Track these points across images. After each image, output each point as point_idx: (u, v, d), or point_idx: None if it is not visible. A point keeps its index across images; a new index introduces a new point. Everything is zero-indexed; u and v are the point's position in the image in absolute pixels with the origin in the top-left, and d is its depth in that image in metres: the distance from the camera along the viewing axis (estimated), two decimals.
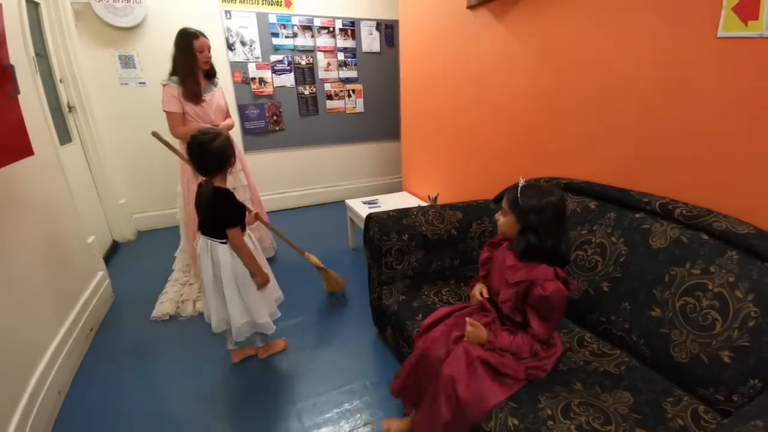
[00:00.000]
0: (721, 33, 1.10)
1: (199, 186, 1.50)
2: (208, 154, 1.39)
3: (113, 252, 2.93)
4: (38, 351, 1.51)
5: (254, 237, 1.64)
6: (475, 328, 1.12)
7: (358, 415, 1.46)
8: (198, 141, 1.38)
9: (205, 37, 2.15)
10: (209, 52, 2.17)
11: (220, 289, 1.52)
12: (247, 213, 1.58)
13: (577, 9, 1.51)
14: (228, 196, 1.46)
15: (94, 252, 2.20)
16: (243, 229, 1.53)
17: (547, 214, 1.04)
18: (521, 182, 1.10)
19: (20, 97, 1.35)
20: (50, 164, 1.90)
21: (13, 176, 1.50)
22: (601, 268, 1.30)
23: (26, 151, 1.37)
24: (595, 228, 1.37)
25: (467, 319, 1.15)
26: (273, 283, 1.70)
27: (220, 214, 1.46)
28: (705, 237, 1.11)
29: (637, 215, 1.28)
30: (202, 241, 1.52)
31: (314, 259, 2.20)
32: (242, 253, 1.49)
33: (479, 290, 1.27)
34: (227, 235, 1.46)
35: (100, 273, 2.21)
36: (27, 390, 1.36)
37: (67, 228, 1.95)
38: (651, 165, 1.35)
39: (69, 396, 1.59)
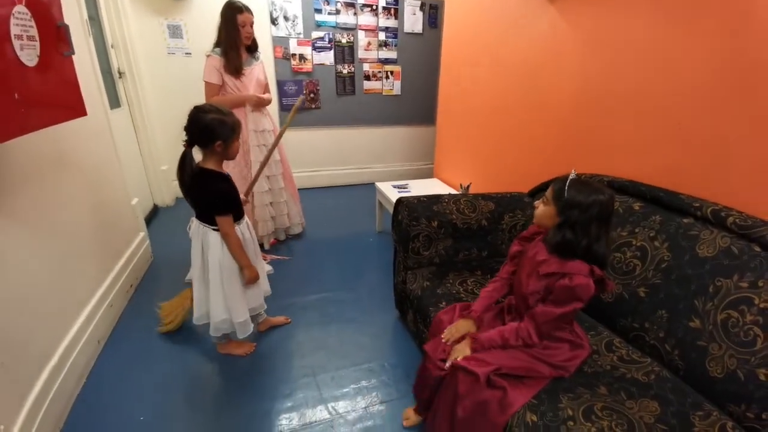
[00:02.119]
0: None
1: (182, 156, 1.36)
2: (197, 121, 1.32)
3: (153, 215, 3.08)
4: (82, 301, 1.62)
5: (250, 230, 1.56)
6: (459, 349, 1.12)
7: (375, 393, 1.50)
8: (200, 107, 1.34)
9: (250, 12, 2.16)
10: (251, 27, 2.18)
11: (207, 280, 1.47)
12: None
13: (639, 0, 1.41)
14: (212, 180, 1.38)
15: (137, 214, 2.31)
16: (237, 218, 1.46)
17: (591, 213, 0.99)
18: (572, 175, 1.05)
19: (74, 59, 1.41)
20: (100, 126, 1.99)
21: (65, 135, 1.59)
22: (640, 273, 1.25)
23: (80, 111, 1.44)
24: (636, 230, 1.31)
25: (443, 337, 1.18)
26: (264, 279, 1.64)
27: (199, 197, 1.40)
28: (757, 249, 1.04)
29: (686, 220, 1.21)
30: (195, 225, 1.46)
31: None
32: (230, 242, 1.42)
33: (458, 333, 1.19)
34: (216, 221, 1.39)
35: (141, 234, 2.33)
36: (68, 335, 1.46)
37: (114, 188, 2.06)
38: (704, 169, 1.27)
39: (107, 346, 1.70)
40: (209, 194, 1.39)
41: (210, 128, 1.32)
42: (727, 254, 1.08)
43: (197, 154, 1.41)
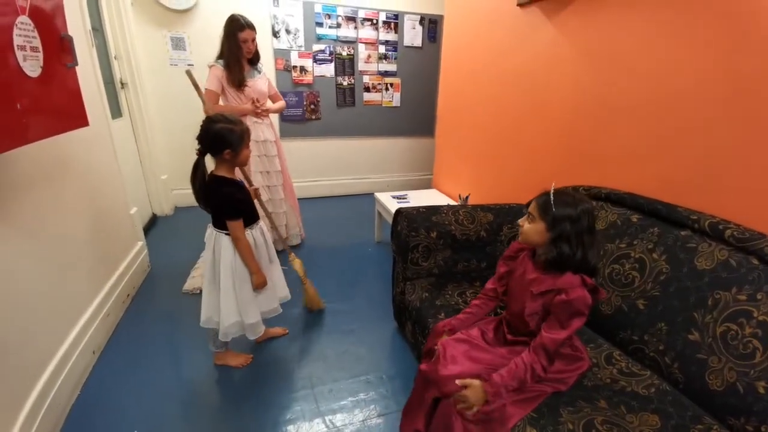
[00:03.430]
0: None
1: (195, 165, 1.40)
2: (207, 131, 1.36)
3: (152, 224, 3.08)
4: (78, 310, 1.60)
5: (264, 235, 1.58)
6: (469, 395, 1.01)
7: (373, 406, 1.48)
8: (210, 117, 1.38)
9: (253, 28, 2.19)
10: (252, 43, 2.22)
11: (217, 283, 1.49)
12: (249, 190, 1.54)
13: (636, 14, 1.43)
14: (221, 186, 1.41)
15: (135, 223, 2.31)
16: (249, 223, 1.49)
17: (582, 224, 0.99)
18: (553, 188, 1.05)
19: (77, 69, 1.42)
20: (102, 136, 2.00)
21: (66, 144, 1.59)
22: (639, 285, 1.25)
23: (82, 121, 1.45)
24: (635, 242, 1.31)
25: (458, 382, 1.04)
26: (282, 283, 1.66)
27: (211, 202, 1.43)
28: (755, 262, 1.04)
29: (683, 233, 1.21)
30: (209, 230, 1.50)
31: (298, 264, 2.02)
32: (240, 247, 1.44)
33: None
34: (227, 226, 1.42)
35: (140, 243, 2.32)
36: (64, 345, 1.45)
37: (113, 197, 2.06)
38: (702, 181, 1.27)
39: (102, 356, 1.69)
40: (218, 200, 1.42)
41: (219, 137, 1.36)
42: (725, 267, 1.08)
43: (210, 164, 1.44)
